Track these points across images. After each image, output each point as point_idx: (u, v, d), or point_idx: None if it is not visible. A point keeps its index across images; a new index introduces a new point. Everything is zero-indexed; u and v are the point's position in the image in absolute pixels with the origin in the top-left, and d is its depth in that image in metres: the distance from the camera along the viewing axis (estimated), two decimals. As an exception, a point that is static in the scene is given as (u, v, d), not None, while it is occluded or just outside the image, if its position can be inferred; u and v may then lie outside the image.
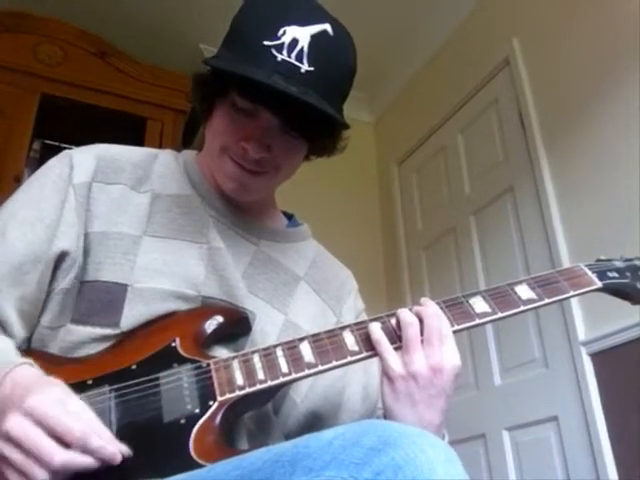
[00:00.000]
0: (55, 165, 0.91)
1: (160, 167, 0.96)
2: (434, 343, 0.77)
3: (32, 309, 0.83)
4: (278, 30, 0.82)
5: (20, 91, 2.48)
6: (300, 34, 0.83)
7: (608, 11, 2.13)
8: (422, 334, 0.79)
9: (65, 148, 1.01)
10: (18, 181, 2.23)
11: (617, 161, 2.00)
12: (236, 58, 0.84)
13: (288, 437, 0.88)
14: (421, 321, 0.80)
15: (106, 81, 2.63)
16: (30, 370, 0.71)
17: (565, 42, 2.30)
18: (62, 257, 0.84)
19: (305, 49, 0.82)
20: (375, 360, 0.82)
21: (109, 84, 2.63)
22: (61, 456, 0.61)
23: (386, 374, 0.78)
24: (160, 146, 2.54)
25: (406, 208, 3.20)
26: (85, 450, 0.62)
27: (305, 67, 0.82)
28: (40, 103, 2.50)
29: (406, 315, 0.80)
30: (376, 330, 0.80)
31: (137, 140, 2.53)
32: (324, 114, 0.82)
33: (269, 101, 0.83)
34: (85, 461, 0.62)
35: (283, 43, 0.82)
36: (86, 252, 0.84)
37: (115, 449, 0.64)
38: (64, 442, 0.62)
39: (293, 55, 0.82)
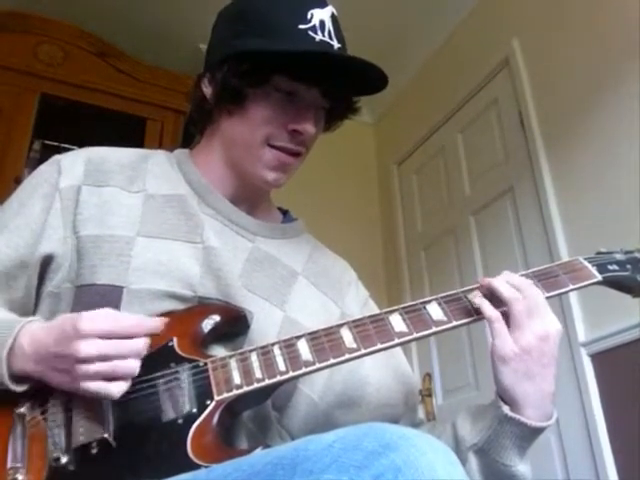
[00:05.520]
0: (44, 170, 0.92)
1: (153, 167, 0.96)
2: (534, 313, 0.79)
3: (21, 313, 0.84)
4: (307, 14, 0.89)
5: (20, 91, 2.48)
6: (324, 16, 0.90)
7: (608, 11, 2.13)
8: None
9: (65, 148, 1.02)
10: (18, 182, 2.21)
11: (617, 161, 2.00)
12: (278, 43, 0.88)
13: (295, 436, 0.88)
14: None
15: (106, 81, 2.63)
16: (42, 322, 0.77)
17: (565, 42, 2.30)
18: (47, 261, 0.85)
19: (331, 29, 0.90)
20: (398, 347, 0.81)
21: (109, 84, 2.64)
22: (139, 343, 0.72)
23: (499, 355, 0.78)
24: (160, 146, 2.53)
25: (406, 208, 3.20)
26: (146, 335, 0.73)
27: (336, 44, 0.90)
28: (40, 103, 2.51)
29: (510, 291, 0.80)
30: (489, 308, 0.80)
31: (137, 140, 2.54)
32: (377, 70, 0.88)
33: (317, 77, 0.90)
34: (147, 343, 0.73)
35: (315, 25, 0.89)
36: (80, 256, 0.84)
37: (160, 323, 0.75)
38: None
39: (326, 35, 0.89)
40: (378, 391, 0.94)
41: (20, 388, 0.73)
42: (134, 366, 0.71)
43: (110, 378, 0.70)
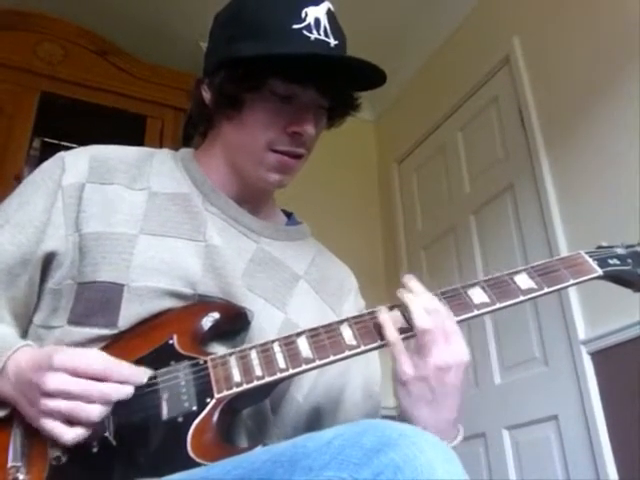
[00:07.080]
0: (48, 167, 0.92)
1: (157, 165, 0.96)
2: (439, 342, 0.76)
3: (24, 310, 0.85)
4: (301, 12, 0.88)
5: (20, 89, 2.48)
6: (319, 13, 0.89)
7: (608, 10, 2.13)
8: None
9: (65, 146, 1.02)
10: (18, 179, 2.23)
11: (617, 159, 2.00)
12: (271, 46, 0.87)
13: (289, 437, 0.88)
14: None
15: (106, 79, 2.63)
16: (32, 349, 0.76)
17: (565, 40, 2.30)
18: (49, 259, 0.85)
19: (327, 26, 0.89)
20: (375, 356, 0.80)
21: (109, 82, 2.64)
22: (108, 388, 0.69)
23: (397, 376, 0.78)
24: (160, 144, 2.54)
25: (406, 207, 3.20)
26: (120, 382, 0.70)
27: (332, 41, 0.89)
28: (40, 101, 2.50)
29: (423, 321, 0.77)
30: (392, 332, 0.78)
31: (137, 138, 2.54)
32: (376, 70, 0.88)
33: (313, 78, 0.89)
34: (125, 389, 0.70)
35: (309, 24, 0.87)
36: (82, 253, 0.84)
37: (142, 374, 0.73)
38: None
39: (322, 33, 0.88)
40: (352, 395, 0.94)
41: (1, 413, 0.73)
42: (97, 412, 0.68)
43: (70, 421, 0.68)
